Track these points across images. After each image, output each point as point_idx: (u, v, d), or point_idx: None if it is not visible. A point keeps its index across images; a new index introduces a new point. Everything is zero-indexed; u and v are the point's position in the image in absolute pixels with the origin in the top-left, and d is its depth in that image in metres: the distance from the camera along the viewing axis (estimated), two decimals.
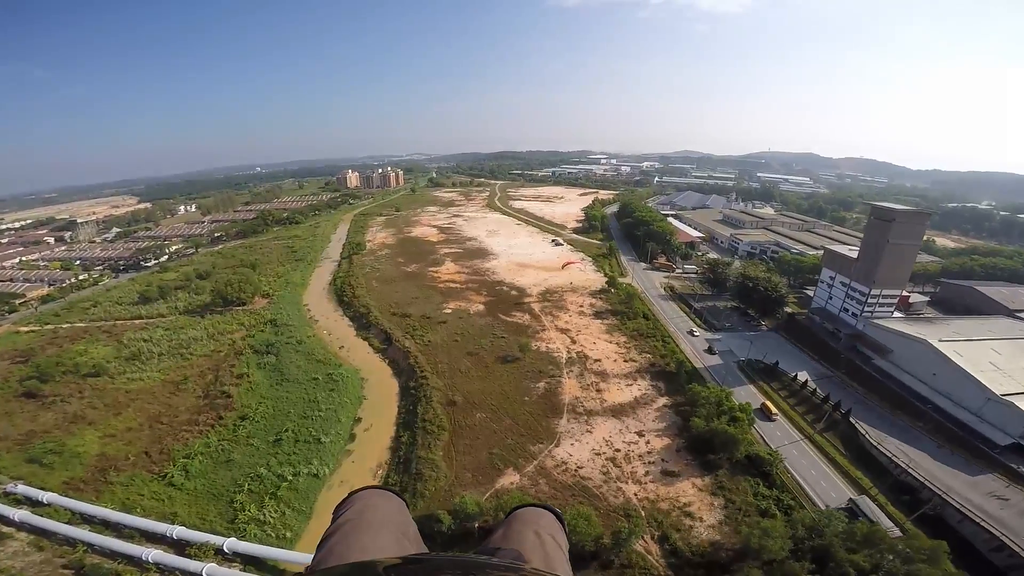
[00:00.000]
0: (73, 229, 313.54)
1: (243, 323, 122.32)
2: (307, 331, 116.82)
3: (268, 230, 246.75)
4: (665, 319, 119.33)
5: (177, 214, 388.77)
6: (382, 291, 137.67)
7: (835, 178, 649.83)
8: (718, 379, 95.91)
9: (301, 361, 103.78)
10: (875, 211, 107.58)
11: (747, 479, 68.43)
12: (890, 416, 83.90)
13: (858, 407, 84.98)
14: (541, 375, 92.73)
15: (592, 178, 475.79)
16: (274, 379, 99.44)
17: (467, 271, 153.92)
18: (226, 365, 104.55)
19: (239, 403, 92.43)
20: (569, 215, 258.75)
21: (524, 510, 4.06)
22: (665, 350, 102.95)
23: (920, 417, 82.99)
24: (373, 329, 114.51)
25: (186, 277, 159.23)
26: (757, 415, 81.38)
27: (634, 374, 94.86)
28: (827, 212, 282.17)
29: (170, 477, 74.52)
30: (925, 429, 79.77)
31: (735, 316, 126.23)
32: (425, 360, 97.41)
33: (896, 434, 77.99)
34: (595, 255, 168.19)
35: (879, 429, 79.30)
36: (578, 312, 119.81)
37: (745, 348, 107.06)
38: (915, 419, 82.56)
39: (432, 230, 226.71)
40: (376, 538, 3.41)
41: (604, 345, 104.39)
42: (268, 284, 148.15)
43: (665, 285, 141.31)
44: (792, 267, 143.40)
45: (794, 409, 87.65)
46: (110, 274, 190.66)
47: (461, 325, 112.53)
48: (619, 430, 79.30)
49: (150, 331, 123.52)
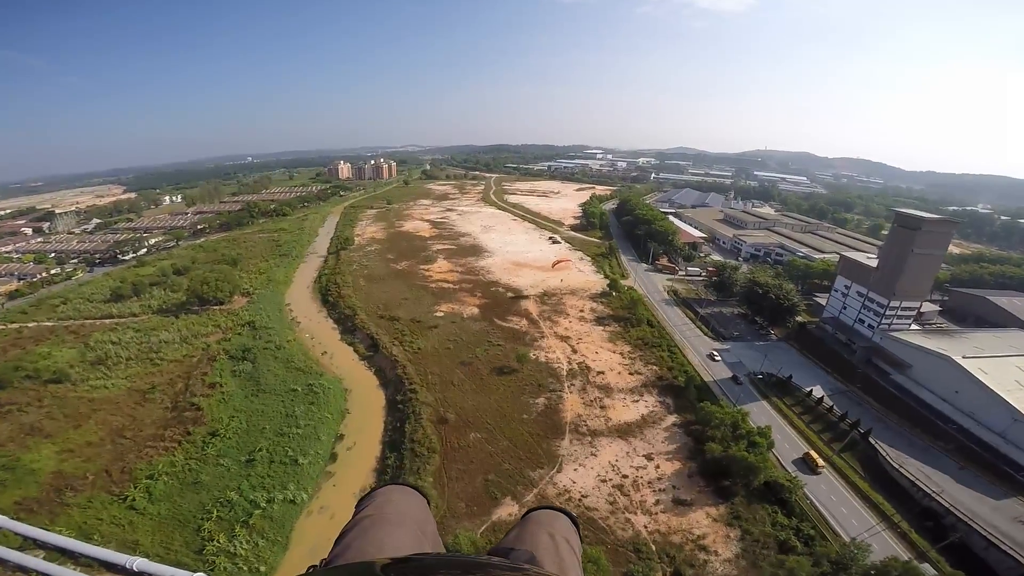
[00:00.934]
0: (52, 220, 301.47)
1: (219, 325, 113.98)
2: (288, 334, 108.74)
3: (254, 222, 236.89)
4: (671, 326, 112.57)
5: (162, 205, 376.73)
6: (370, 290, 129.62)
7: (831, 178, 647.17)
8: (729, 394, 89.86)
9: (279, 369, 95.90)
10: (899, 218, 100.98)
11: (764, 507, 63.10)
12: (909, 434, 78.95)
13: (875, 425, 79.87)
14: (540, 389, 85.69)
15: (588, 173, 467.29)
16: (249, 389, 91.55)
17: (460, 270, 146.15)
18: (198, 373, 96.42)
19: (210, 416, 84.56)
20: (566, 211, 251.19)
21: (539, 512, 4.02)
22: (672, 361, 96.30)
23: (940, 436, 78.44)
24: (359, 333, 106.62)
25: (162, 273, 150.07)
26: (798, 468, 70.86)
27: (640, 388, 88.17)
28: (828, 213, 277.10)
29: (131, 500, 67.10)
30: (946, 449, 75.29)
31: (742, 324, 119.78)
32: (414, 370, 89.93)
33: (915, 454, 73.49)
34: (594, 254, 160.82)
35: (898, 448, 74.48)
36: (578, 317, 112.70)
37: (755, 359, 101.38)
38: (935, 438, 77.98)
39: (424, 225, 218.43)
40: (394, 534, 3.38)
41: (607, 355, 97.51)
42: (249, 281, 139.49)
43: (668, 289, 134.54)
44: (801, 272, 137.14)
45: (810, 427, 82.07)
46: (85, 268, 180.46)
47: (454, 330, 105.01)
48: (626, 453, 72.86)
49: (120, 332, 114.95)
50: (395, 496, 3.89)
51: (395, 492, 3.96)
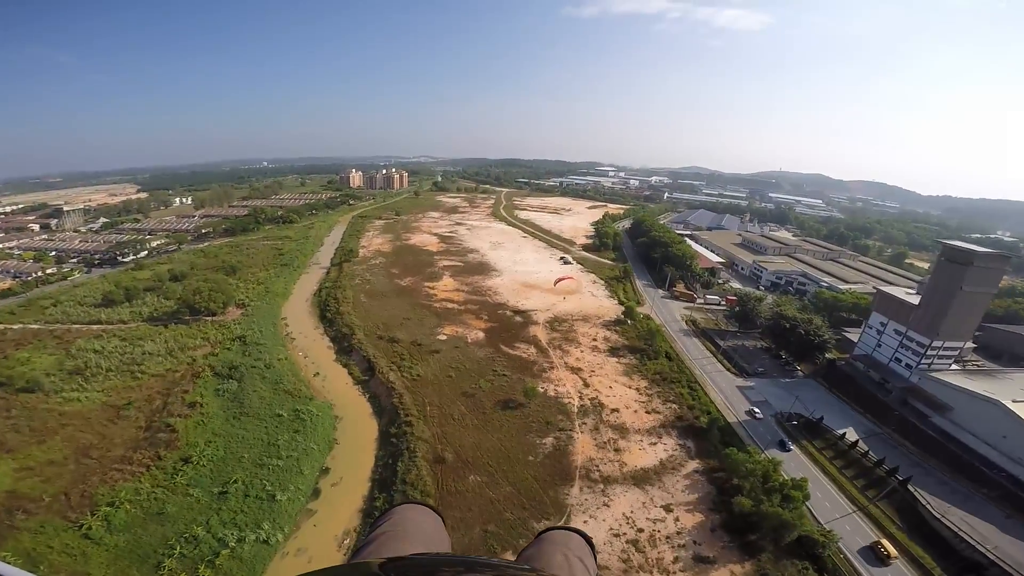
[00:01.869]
0: (59, 217, 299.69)
1: (209, 337, 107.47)
2: (279, 352, 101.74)
3: (259, 228, 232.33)
4: (690, 360, 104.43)
5: (171, 206, 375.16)
6: (370, 308, 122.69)
7: (847, 201, 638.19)
8: (755, 437, 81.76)
9: (266, 391, 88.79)
10: (947, 252, 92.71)
11: (795, 563, 56.79)
12: (950, 481, 72.80)
13: (913, 470, 73.29)
14: (548, 428, 77.74)
15: (600, 191, 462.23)
16: (231, 411, 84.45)
17: (466, 289, 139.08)
18: (179, 390, 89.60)
19: (184, 440, 77.52)
20: (578, 229, 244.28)
21: (553, 532, 4.03)
22: (693, 399, 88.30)
23: (985, 483, 72.33)
24: (355, 354, 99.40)
25: (158, 278, 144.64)
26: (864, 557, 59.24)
27: (658, 429, 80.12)
28: (848, 239, 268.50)
29: (88, 528, 60.52)
30: (991, 497, 69.45)
31: (767, 358, 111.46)
32: (411, 400, 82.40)
33: (957, 502, 67.32)
34: (608, 278, 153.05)
35: (939, 497, 68.33)
36: (591, 347, 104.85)
37: (782, 398, 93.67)
38: (979, 485, 71.99)
39: (432, 238, 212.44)
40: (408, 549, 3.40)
41: (622, 390, 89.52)
42: (245, 292, 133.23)
43: (687, 318, 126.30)
44: (827, 305, 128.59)
45: (842, 473, 74.83)
46: (82, 269, 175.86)
47: (457, 357, 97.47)
48: (642, 503, 65.14)
49: (104, 340, 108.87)
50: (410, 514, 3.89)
51: (410, 510, 3.95)
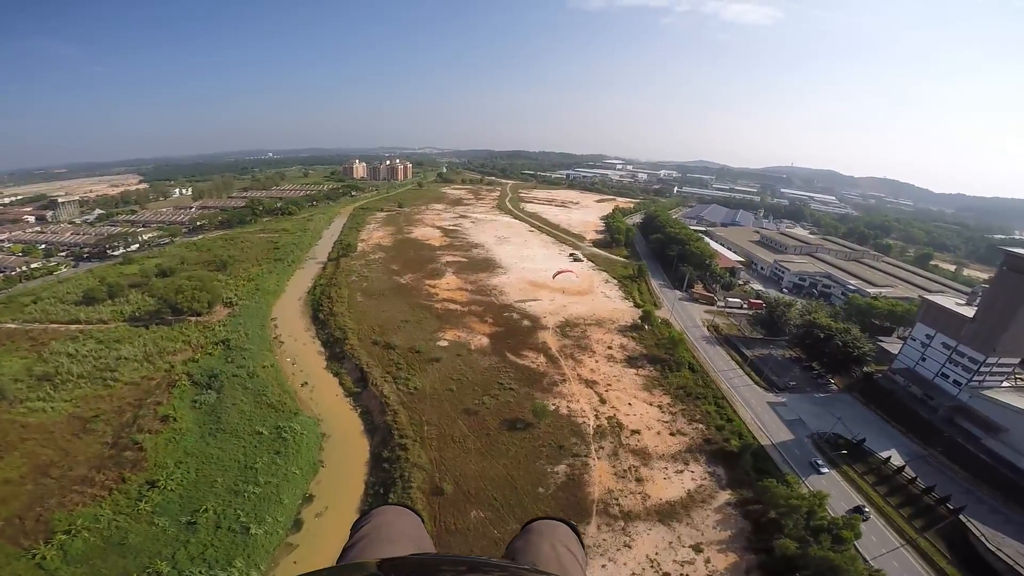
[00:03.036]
0: (55, 208, 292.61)
1: (190, 341, 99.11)
2: (265, 358, 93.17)
3: (256, 221, 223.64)
4: (714, 371, 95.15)
5: (171, 197, 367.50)
6: (366, 308, 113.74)
7: (859, 198, 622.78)
8: (791, 461, 72.81)
9: (247, 403, 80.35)
10: (1011, 260, 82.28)
11: None
12: (1004, 509, 65.40)
13: (963, 497, 65.56)
14: (561, 453, 68.82)
15: (608, 184, 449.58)
16: (207, 427, 76.18)
17: (470, 288, 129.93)
18: (152, 401, 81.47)
19: (152, 460, 69.75)
20: (587, 224, 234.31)
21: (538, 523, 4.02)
22: (721, 418, 79.20)
23: None
24: (347, 362, 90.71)
25: (144, 274, 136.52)
26: None
27: (684, 455, 71.18)
28: (869, 238, 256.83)
29: (41, 557, 53.92)
30: None
31: (797, 370, 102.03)
32: (407, 418, 73.62)
33: (1013, 532, 60.54)
34: (621, 276, 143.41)
35: (992, 527, 61.14)
36: (606, 355, 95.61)
37: (816, 415, 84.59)
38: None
39: (435, 232, 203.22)
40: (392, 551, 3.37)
41: (642, 408, 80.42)
42: (234, 289, 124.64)
43: (708, 323, 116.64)
44: (860, 311, 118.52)
45: (887, 501, 66.20)
46: (70, 263, 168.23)
47: (458, 366, 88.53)
48: (668, 543, 56.75)
49: (80, 343, 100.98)
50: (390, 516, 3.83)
51: (390, 512, 3.89)
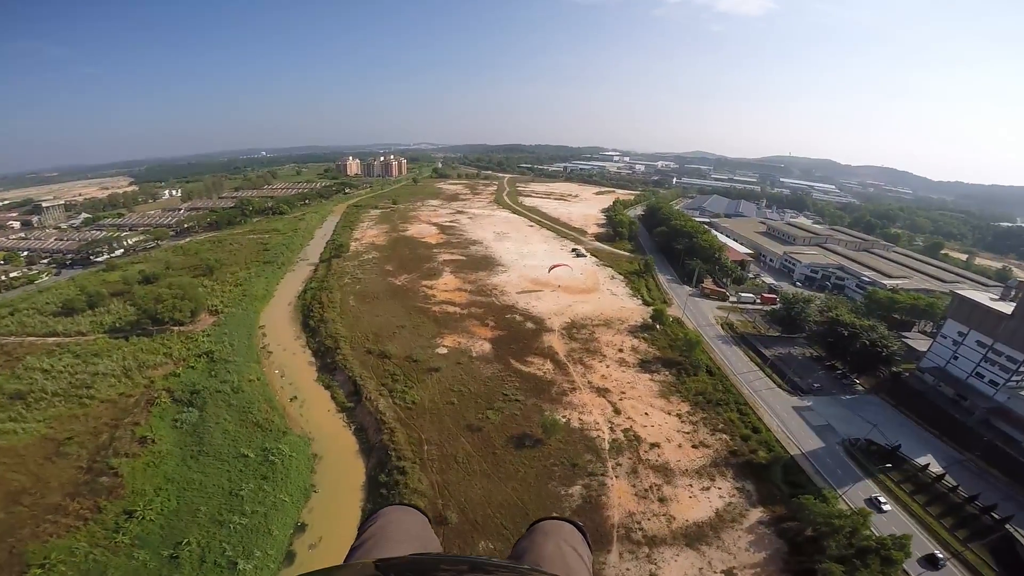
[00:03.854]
0: (40, 213, 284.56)
1: (172, 353, 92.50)
2: (252, 371, 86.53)
3: (246, 221, 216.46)
4: (733, 373, 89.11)
5: (160, 199, 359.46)
6: (360, 313, 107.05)
7: (859, 187, 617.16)
8: (824, 472, 67.21)
9: (232, 422, 74.01)
10: None
11: None
12: None
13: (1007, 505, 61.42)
14: (575, 472, 62.67)
15: (607, 176, 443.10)
16: (188, 450, 69.89)
17: (470, 288, 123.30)
18: (129, 421, 75.14)
19: (130, 487, 63.72)
20: (588, 217, 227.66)
21: (544, 523, 4.00)
22: (746, 427, 73.23)
23: None
24: (339, 373, 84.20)
25: (126, 281, 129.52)
26: None
27: (710, 469, 65.21)
28: (876, 227, 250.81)
29: None
30: None
31: (819, 371, 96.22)
32: (405, 437, 67.30)
33: None
34: (627, 272, 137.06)
35: None
36: (617, 359, 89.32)
37: (844, 419, 79.28)
38: None
39: (431, 229, 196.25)
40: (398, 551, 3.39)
41: (660, 417, 74.28)
42: (221, 296, 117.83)
43: (722, 321, 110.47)
44: (881, 305, 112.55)
45: (927, 511, 61.34)
46: (52, 270, 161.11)
47: (459, 376, 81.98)
48: (699, 569, 51.26)
49: (56, 357, 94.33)
50: (396, 516, 3.86)
51: (396, 512, 3.92)
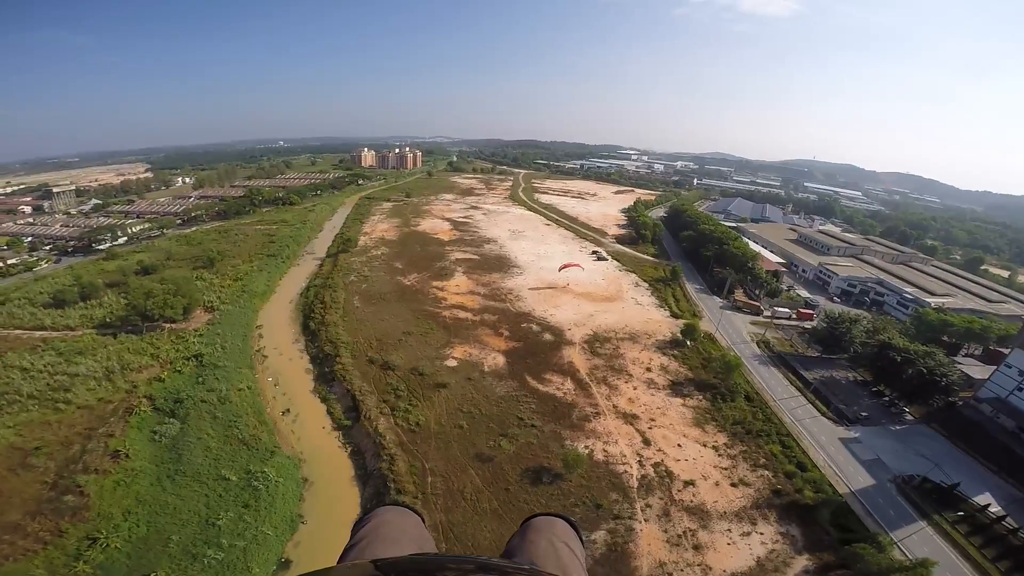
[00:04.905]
0: (51, 198, 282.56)
1: (159, 354, 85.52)
2: (243, 378, 79.11)
3: (255, 211, 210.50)
4: (774, 400, 79.81)
5: (173, 186, 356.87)
6: (364, 316, 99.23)
7: (884, 193, 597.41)
8: (875, 513, 58.93)
9: (215, 438, 66.64)
10: None
11: None
12: None
13: None
14: (599, 515, 54.12)
15: (625, 174, 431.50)
16: (165, 468, 62.67)
17: (483, 291, 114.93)
18: (104, 431, 68.23)
19: (96, 508, 56.81)
20: (607, 217, 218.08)
21: (537, 519, 4.02)
22: (789, 462, 64.49)
23: None
24: (337, 385, 76.46)
25: (124, 272, 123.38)
26: None
27: (751, 511, 56.53)
28: (911, 238, 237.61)
29: None
30: None
31: (865, 396, 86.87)
32: (407, 466, 59.21)
33: None
34: (652, 279, 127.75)
35: None
36: (645, 380, 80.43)
37: (897, 453, 70.57)
38: None
39: (444, 224, 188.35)
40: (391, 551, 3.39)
41: (695, 450, 65.50)
42: (219, 291, 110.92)
43: (757, 338, 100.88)
44: (931, 327, 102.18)
45: (983, 554, 53.40)
46: (52, 258, 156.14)
47: (469, 394, 73.57)
48: None
49: (38, 355, 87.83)
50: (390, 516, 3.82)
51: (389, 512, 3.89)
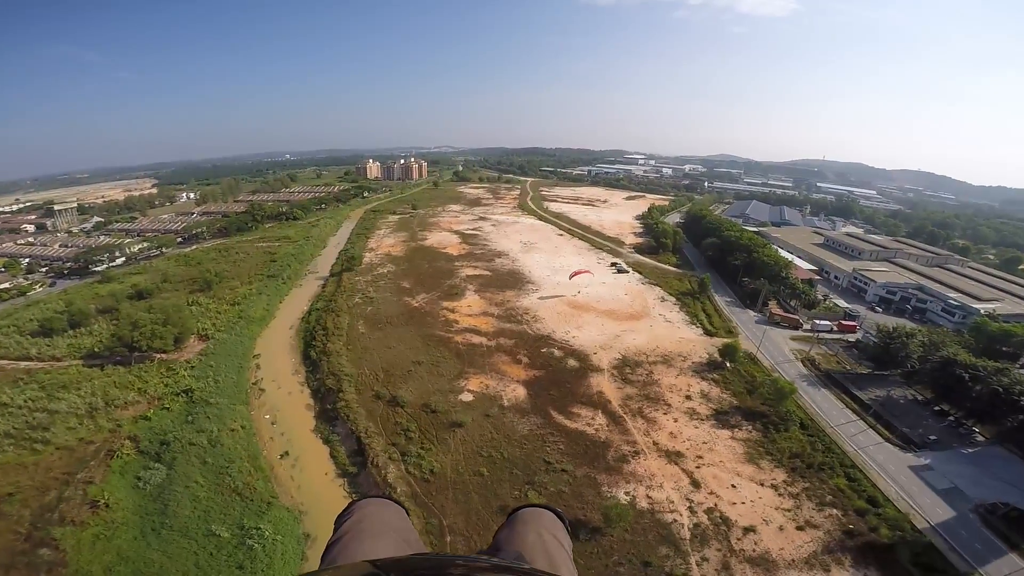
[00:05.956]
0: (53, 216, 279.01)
1: (147, 389, 78.00)
2: (236, 416, 71.27)
3: (257, 227, 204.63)
4: (830, 426, 70.82)
5: (177, 202, 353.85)
6: (369, 344, 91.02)
7: (898, 191, 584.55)
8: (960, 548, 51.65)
9: (204, 486, 58.80)
10: None
11: None
12: None
13: None
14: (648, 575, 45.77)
15: (633, 179, 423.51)
16: (149, 521, 55.03)
17: (497, 311, 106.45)
18: (83, 477, 60.87)
19: (74, 565, 50.13)
20: (622, 225, 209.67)
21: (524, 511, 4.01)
22: (859, 497, 56.55)
23: None
24: (340, 425, 68.43)
25: (117, 297, 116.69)
26: None
27: (823, 557, 48.26)
28: (939, 238, 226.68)
29: None
30: None
31: (926, 416, 77.93)
32: (422, 523, 50.45)
33: None
34: (678, 292, 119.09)
35: None
36: (686, 410, 71.59)
37: (975, 479, 62.71)
38: None
39: (453, 238, 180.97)
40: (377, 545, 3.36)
41: (751, 490, 56.68)
42: (213, 318, 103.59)
43: (802, 355, 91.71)
44: (989, 338, 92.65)
45: None
46: (48, 281, 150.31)
47: (488, 434, 65.01)
48: None
49: (19, 389, 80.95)
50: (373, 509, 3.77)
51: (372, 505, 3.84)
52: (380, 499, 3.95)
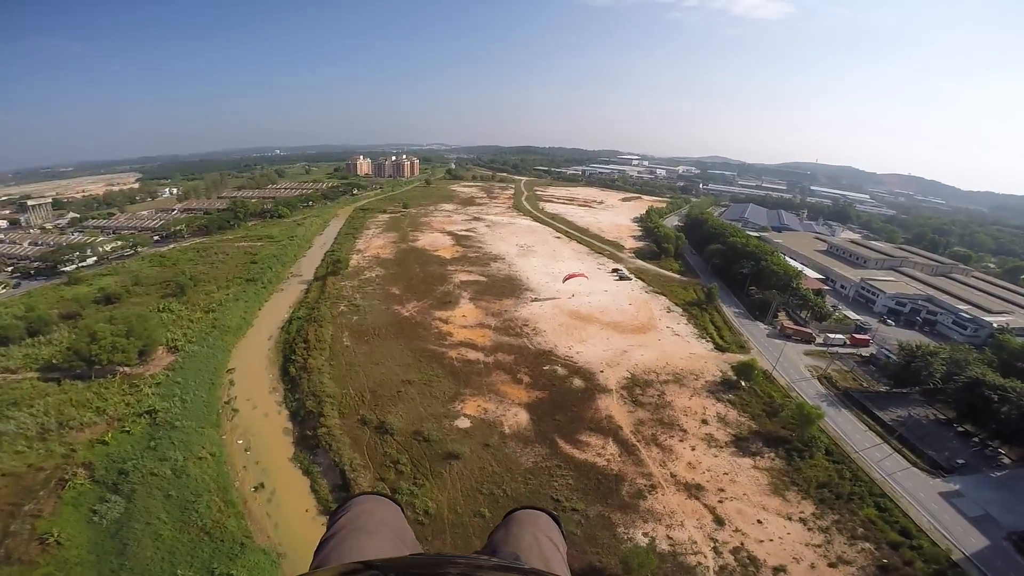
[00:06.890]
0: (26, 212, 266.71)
1: (107, 408, 70.14)
2: (205, 441, 64.00)
3: (240, 225, 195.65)
4: (856, 452, 65.47)
5: (159, 197, 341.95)
6: (355, 359, 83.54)
7: (888, 196, 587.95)
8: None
9: (168, 524, 51.55)
10: None
11: None
12: None
13: None
14: None
15: (628, 180, 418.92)
16: (106, 561, 47.90)
17: (494, 323, 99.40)
18: (30, 509, 53.47)
19: None
20: (620, 228, 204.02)
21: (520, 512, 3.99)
22: (892, 528, 52.42)
23: None
24: (322, 454, 61.56)
25: (81, 301, 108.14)
26: None
27: None
28: (940, 246, 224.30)
29: None
30: None
31: (950, 438, 73.46)
32: None
33: None
34: (684, 302, 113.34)
35: None
36: (703, 436, 65.63)
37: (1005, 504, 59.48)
38: None
39: (445, 239, 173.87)
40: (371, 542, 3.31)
41: (778, 525, 51.08)
42: (184, 327, 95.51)
43: (818, 372, 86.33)
44: (1014, 354, 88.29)
45: None
46: (12, 283, 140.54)
47: (489, 466, 58.33)
48: None
49: None
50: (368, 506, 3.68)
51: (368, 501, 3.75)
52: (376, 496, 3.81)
